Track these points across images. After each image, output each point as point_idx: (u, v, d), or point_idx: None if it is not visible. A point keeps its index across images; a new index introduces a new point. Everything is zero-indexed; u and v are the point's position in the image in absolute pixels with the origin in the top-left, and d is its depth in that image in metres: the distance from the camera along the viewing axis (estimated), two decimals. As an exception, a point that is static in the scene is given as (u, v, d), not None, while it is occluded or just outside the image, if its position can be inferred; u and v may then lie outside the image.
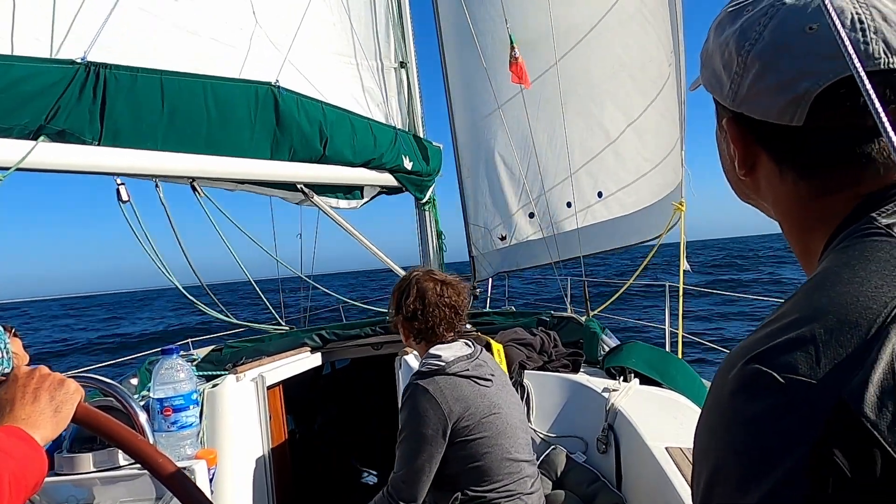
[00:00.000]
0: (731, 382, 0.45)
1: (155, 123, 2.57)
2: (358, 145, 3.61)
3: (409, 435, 1.76)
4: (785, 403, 0.41)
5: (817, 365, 0.41)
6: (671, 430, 2.11)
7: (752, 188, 0.63)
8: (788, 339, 0.43)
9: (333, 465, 3.64)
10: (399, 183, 4.06)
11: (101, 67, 2.38)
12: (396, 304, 1.95)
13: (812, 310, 0.45)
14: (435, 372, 1.79)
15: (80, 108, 2.32)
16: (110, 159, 2.45)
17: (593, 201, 6.28)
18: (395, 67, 4.46)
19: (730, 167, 0.65)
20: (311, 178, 3.45)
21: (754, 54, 0.56)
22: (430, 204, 4.58)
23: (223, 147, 2.86)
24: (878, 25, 0.52)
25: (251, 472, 2.49)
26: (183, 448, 1.81)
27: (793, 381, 0.41)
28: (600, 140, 6.20)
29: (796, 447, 0.39)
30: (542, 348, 2.78)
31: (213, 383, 2.48)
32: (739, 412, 0.43)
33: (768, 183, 0.60)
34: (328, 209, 3.76)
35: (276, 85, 3.10)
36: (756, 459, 0.41)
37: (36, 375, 0.90)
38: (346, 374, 4.04)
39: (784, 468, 0.39)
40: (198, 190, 3.13)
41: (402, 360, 2.64)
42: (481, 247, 7.00)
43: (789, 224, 0.61)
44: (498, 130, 6.10)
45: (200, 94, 2.74)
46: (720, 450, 0.44)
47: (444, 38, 6.61)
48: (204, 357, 3.31)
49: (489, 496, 1.74)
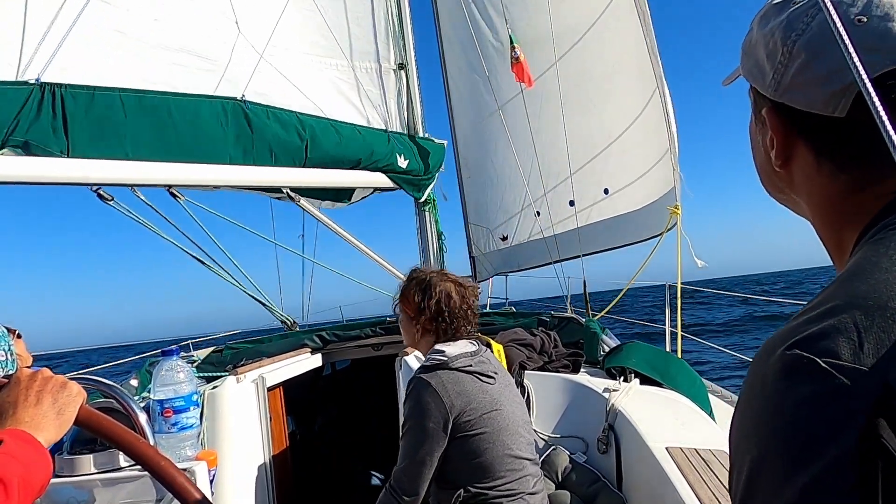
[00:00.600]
0: (771, 369, 0.44)
1: (123, 135, 2.61)
2: (344, 146, 3.60)
3: (411, 428, 1.77)
4: (829, 390, 0.40)
5: (860, 350, 0.40)
6: (671, 430, 2.11)
7: (786, 181, 0.63)
8: (829, 324, 0.43)
9: (334, 466, 3.64)
10: (394, 183, 4.05)
11: (55, 87, 2.43)
12: (417, 302, 1.91)
13: (851, 297, 0.44)
14: (438, 366, 1.80)
15: (41, 123, 2.38)
16: (80, 170, 2.49)
17: (599, 198, 6.26)
18: (394, 69, 4.46)
19: (764, 159, 0.64)
20: (296, 183, 3.44)
21: (801, 44, 0.56)
22: (430, 204, 4.57)
23: (199, 154, 2.88)
24: None
25: (251, 473, 2.49)
26: (183, 449, 1.81)
27: (836, 366, 0.40)
28: (601, 138, 6.19)
29: (843, 434, 0.38)
30: (542, 349, 2.78)
31: (214, 385, 2.48)
32: (782, 399, 0.43)
33: (804, 175, 0.60)
34: (316, 212, 3.75)
35: (243, 100, 3.11)
36: (801, 447, 0.40)
37: (38, 378, 0.90)
38: (347, 375, 4.04)
39: (830, 455, 0.38)
40: (177, 196, 3.14)
41: (402, 360, 2.64)
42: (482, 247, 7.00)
43: (823, 218, 0.60)
44: (499, 130, 6.09)
45: (164, 110, 2.76)
46: (763, 438, 0.44)
47: (444, 38, 6.61)
48: (204, 358, 3.31)
49: (491, 494, 1.74)
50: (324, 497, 3.35)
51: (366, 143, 3.75)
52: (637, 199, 6.15)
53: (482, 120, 6.58)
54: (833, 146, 0.57)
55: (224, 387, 2.44)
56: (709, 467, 1.87)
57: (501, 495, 1.75)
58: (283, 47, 3.48)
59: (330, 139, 3.51)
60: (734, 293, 6.71)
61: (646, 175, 6.07)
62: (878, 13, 0.53)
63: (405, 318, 1.96)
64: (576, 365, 2.71)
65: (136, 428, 1.46)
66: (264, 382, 2.62)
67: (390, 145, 3.92)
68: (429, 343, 1.91)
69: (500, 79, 5.81)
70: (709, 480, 1.78)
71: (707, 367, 9.24)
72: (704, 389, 2.72)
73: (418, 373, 1.82)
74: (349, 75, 4.05)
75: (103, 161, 2.54)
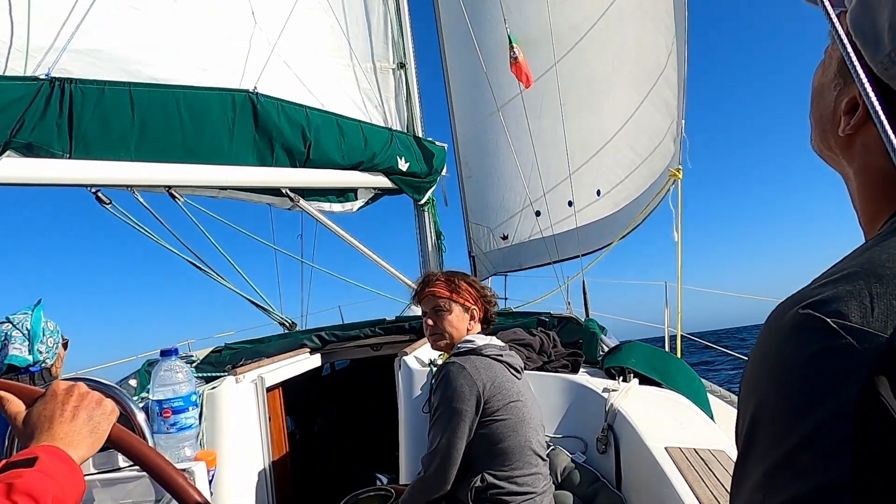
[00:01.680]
0: (782, 326, 0.46)
1: (126, 134, 2.60)
2: (346, 147, 3.60)
3: (445, 412, 1.80)
4: (836, 347, 0.41)
5: (871, 314, 0.42)
6: (671, 430, 2.11)
7: (843, 146, 0.60)
8: (843, 289, 0.44)
9: (333, 466, 3.64)
10: (394, 185, 4.04)
11: (65, 82, 2.41)
12: (476, 291, 2.08)
13: (869, 264, 0.46)
14: (471, 351, 1.91)
15: (46, 123, 2.36)
16: (81, 171, 2.48)
17: (592, 200, 6.29)
18: (394, 68, 4.46)
19: (829, 117, 0.61)
20: (295, 183, 3.45)
21: None
22: (429, 205, 4.56)
23: (200, 155, 2.88)
24: None
25: (251, 473, 2.49)
26: (182, 450, 1.81)
27: (845, 327, 0.42)
28: (598, 138, 6.22)
29: (844, 388, 0.40)
30: (541, 348, 2.78)
31: (213, 385, 2.48)
32: (789, 353, 0.44)
33: (866, 149, 0.58)
34: (317, 214, 3.74)
35: (255, 92, 3.10)
36: (804, 396, 0.42)
37: (75, 393, 0.88)
38: (346, 375, 4.04)
39: (830, 407, 0.40)
40: (176, 197, 3.14)
41: (401, 360, 2.64)
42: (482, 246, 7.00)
43: (867, 191, 0.59)
44: (499, 130, 6.11)
45: (173, 105, 2.76)
46: (767, 387, 0.45)
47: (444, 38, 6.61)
48: (203, 358, 3.31)
49: (507, 487, 1.77)
50: (323, 497, 3.35)
51: (368, 144, 3.75)
52: (626, 195, 6.20)
53: (483, 119, 6.58)
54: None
55: (223, 387, 2.43)
56: (708, 467, 1.87)
57: (515, 492, 1.78)
58: (290, 44, 3.49)
59: (333, 139, 3.51)
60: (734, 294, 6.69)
61: (635, 171, 6.11)
62: None
63: (458, 310, 2.04)
64: (575, 365, 2.71)
65: (134, 428, 1.46)
66: (263, 383, 2.62)
67: (391, 147, 3.91)
68: (476, 331, 2.06)
69: (501, 79, 5.81)
70: (708, 480, 1.78)
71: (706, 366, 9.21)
72: (704, 389, 2.72)
73: (452, 358, 1.90)
74: (350, 74, 4.06)
75: (105, 162, 2.55)
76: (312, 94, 3.64)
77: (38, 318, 2.03)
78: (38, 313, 2.04)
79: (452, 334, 2.03)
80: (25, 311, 2.05)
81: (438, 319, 2.03)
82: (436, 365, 2.57)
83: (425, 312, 2.08)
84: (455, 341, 2.02)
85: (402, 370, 2.62)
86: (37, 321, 2.03)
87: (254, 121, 3.09)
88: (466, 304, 2.05)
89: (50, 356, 2.07)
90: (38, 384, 1.96)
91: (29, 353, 2.00)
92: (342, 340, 3.24)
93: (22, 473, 0.71)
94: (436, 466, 1.79)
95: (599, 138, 6.22)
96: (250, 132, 3.08)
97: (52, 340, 2.09)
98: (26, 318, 2.02)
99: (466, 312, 2.05)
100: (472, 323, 2.06)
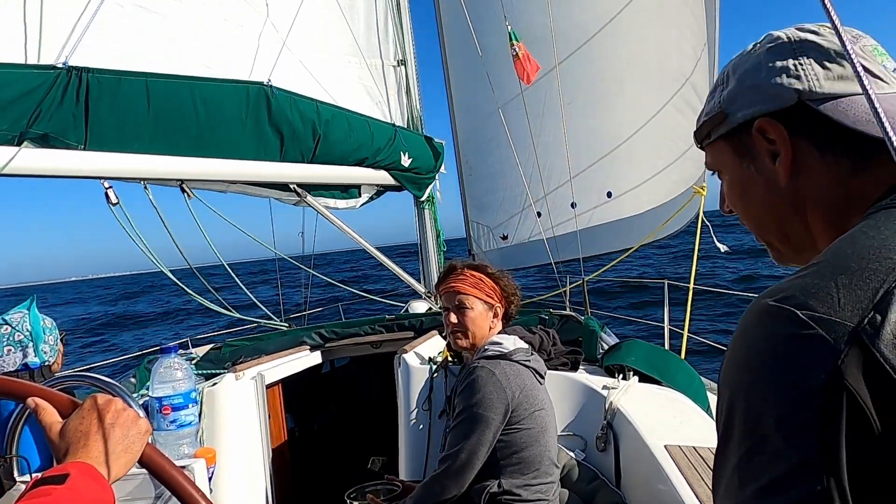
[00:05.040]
0: (754, 319, 0.49)
1: (141, 126, 2.57)
2: (353, 143, 3.60)
3: (471, 417, 1.75)
4: (804, 335, 0.44)
5: (837, 305, 0.44)
6: (670, 428, 2.11)
7: (793, 199, 0.64)
8: (811, 281, 0.47)
9: (332, 463, 3.64)
10: (397, 181, 4.05)
11: (83, 71, 2.38)
12: (502, 286, 2.00)
13: (836, 258, 0.49)
14: (500, 356, 1.84)
15: (63, 112, 2.32)
16: (96, 163, 2.45)
17: (601, 201, 6.22)
18: (395, 65, 4.46)
19: (766, 191, 0.66)
20: (303, 178, 3.44)
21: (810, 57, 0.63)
22: (429, 202, 4.57)
23: (212, 149, 2.86)
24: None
25: (250, 470, 2.49)
26: (181, 447, 1.81)
27: (814, 318, 0.44)
28: (610, 139, 6.14)
29: (813, 374, 0.42)
30: (540, 347, 2.76)
31: (213, 382, 2.48)
32: (759, 342, 0.47)
33: (809, 179, 0.62)
34: (323, 209, 3.75)
35: (269, 84, 3.09)
36: (774, 385, 0.44)
37: (111, 409, 0.85)
38: (346, 373, 4.04)
39: (800, 390, 0.42)
40: (187, 191, 3.12)
41: (401, 358, 2.64)
42: (482, 245, 7.00)
43: (831, 214, 0.62)
44: (500, 129, 6.10)
45: (188, 96, 2.73)
46: (740, 376, 0.48)
47: (445, 36, 6.59)
48: (203, 355, 3.30)
49: (523, 495, 1.75)
50: (322, 494, 3.35)
51: (374, 139, 3.75)
52: (642, 203, 6.10)
53: (484, 118, 6.56)
54: (831, 133, 0.60)
55: (223, 384, 2.43)
56: (707, 465, 1.87)
57: (530, 500, 1.76)
58: (299, 37, 3.49)
59: (341, 133, 3.51)
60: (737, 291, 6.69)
61: (654, 178, 6.02)
62: None
63: (482, 308, 1.96)
64: (574, 363, 2.70)
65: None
66: (263, 380, 2.61)
67: (395, 143, 3.91)
68: (498, 329, 1.98)
69: (503, 77, 5.80)
70: (707, 479, 1.78)
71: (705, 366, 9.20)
72: (703, 387, 2.72)
73: (480, 362, 1.83)
74: (353, 69, 4.07)
75: (120, 154, 2.51)
76: (324, 88, 3.64)
77: (35, 318, 2.01)
78: (34, 312, 2.02)
79: (476, 333, 1.95)
80: (19, 310, 2.02)
81: (462, 316, 1.94)
82: (435, 363, 2.56)
83: (446, 308, 1.98)
84: (478, 340, 1.94)
85: (401, 368, 2.62)
86: (35, 320, 2.01)
87: (267, 114, 3.06)
88: (491, 300, 1.97)
89: (52, 354, 2.07)
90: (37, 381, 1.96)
91: (35, 354, 1.98)
92: (342, 337, 3.24)
93: (52, 491, 0.69)
94: (455, 470, 1.75)
95: (611, 139, 6.14)
96: (263, 125, 3.06)
97: (53, 338, 2.08)
98: (24, 318, 2.00)
99: (490, 310, 1.97)
100: (495, 321, 1.99)
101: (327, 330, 3.24)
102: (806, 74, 0.62)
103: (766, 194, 0.66)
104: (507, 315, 2.03)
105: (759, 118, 0.64)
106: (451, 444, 1.78)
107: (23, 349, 1.95)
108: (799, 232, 0.66)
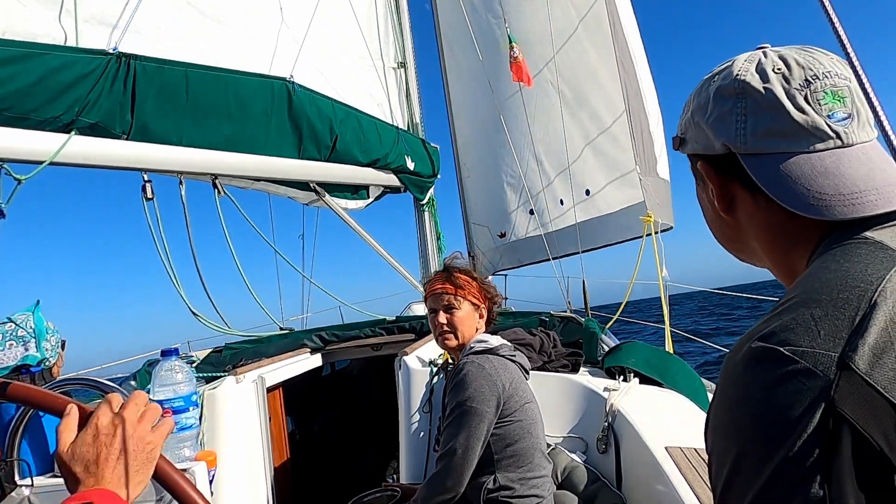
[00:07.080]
0: (741, 362, 0.49)
1: (180, 117, 2.55)
2: (365, 144, 3.62)
3: (465, 412, 1.77)
4: (793, 372, 0.45)
5: (818, 336, 0.46)
6: (671, 430, 2.11)
7: (735, 227, 0.68)
8: (789, 318, 0.48)
9: (333, 466, 3.64)
10: (402, 183, 4.07)
11: (131, 58, 2.34)
12: (487, 287, 2.07)
13: (805, 293, 0.50)
14: (488, 351, 1.89)
15: (112, 100, 2.27)
16: (140, 154, 2.41)
17: (582, 198, 6.29)
18: (395, 67, 4.47)
19: (713, 214, 0.70)
20: (322, 177, 3.45)
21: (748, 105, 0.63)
22: (430, 204, 4.59)
23: (244, 143, 2.85)
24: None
25: (251, 473, 2.49)
26: (182, 450, 1.81)
27: (798, 353, 0.45)
28: (589, 138, 6.20)
29: (808, 409, 0.43)
30: (541, 348, 2.78)
31: (213, 385, 2.47)
32: (750, 385, 0.48)
33: (747, 215, 0.65)
34: (339, 209, 3.77)
35: (291, 81, 3.08)
36: (771, 426, 0.45)
37: (129, 420, 0.78)
38: (346, 376, 4.04)
39: (799, 431, 0.43)
40: (219, 187, 3.08)
41: (401, 360, 2.64)
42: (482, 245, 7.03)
43: (773, 248, 0.65)
44: (496, 128, 6.13)
45: (222, 89, 2.71)
46: (737, 423, 0.48)
47: (442, 38, 6.62)
48: (203, 358, 3.31)
49: (519, 489, 1.76)
50: (323, 497, 3.35)
51: (382, 141, 3.77)
52: (616, 202, 6.15)
53: (481, 118, 6.60)
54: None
55: (223, 387, 2.43)
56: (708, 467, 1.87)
57: (526, 494, 1.77)
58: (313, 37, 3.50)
59: (355, 134, 3.52)
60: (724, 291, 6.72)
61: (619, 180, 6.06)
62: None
63: (469, 308, 2.00)
64: (575, 365, 2.71)
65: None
66: (264, 383, 2.61)
67: (399, 145, 3.94)
68: (482, 330, 2.04)
69: (499, 78, 5.83)
70: (708, 480, 1.78)
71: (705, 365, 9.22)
72: (703, 389, 2.72)
73: (469, 357, 1.87)
74: (359, 71, 4.08)
75: (161, 146, 2.49)
76: (335, 88, 3.64)
77: (39, 318, 2.06)
78: (38, 313, 2.06)
79: (465, 333, 1.98)
80: (25, 311, 2.07)
81: (451, 316, 1.98)
82: (436, 365, 2.57)
83: (434, 309, 2.01)
84: (466, 341, 1.98)
85: (402, 370, 2.62)
86: (39, 320, 2.05)
87: (288, 110, 3.05)
88: (477, 301, 2.02)
89: (52, 355, 2.10)
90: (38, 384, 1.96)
91: (37, 349, 2.02)
92: (342, 340, 3.24)
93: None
94: (452, 467, 1.75)
95: (580, 141, 6.22)
96: (285, 122, 3.05)
97: (55, 339, 2.11)
98: (28, 317, 2.04)
99: (476, 311, 2.03)
100: (481, 321, 2.04)
101: (328, 332, 3.25)
102: (737, 129, 0.63)
103: (716, 218, 0.70)
104: (489, 317, 2.08)
105: (699, 156, 0.68)
106: (446, 442, 1.79)
107: (24, 344, 1.98)
108: (752, 251, 0.69)
